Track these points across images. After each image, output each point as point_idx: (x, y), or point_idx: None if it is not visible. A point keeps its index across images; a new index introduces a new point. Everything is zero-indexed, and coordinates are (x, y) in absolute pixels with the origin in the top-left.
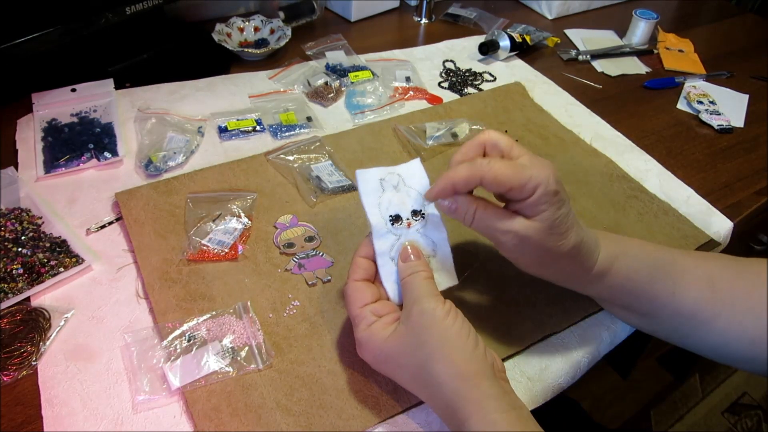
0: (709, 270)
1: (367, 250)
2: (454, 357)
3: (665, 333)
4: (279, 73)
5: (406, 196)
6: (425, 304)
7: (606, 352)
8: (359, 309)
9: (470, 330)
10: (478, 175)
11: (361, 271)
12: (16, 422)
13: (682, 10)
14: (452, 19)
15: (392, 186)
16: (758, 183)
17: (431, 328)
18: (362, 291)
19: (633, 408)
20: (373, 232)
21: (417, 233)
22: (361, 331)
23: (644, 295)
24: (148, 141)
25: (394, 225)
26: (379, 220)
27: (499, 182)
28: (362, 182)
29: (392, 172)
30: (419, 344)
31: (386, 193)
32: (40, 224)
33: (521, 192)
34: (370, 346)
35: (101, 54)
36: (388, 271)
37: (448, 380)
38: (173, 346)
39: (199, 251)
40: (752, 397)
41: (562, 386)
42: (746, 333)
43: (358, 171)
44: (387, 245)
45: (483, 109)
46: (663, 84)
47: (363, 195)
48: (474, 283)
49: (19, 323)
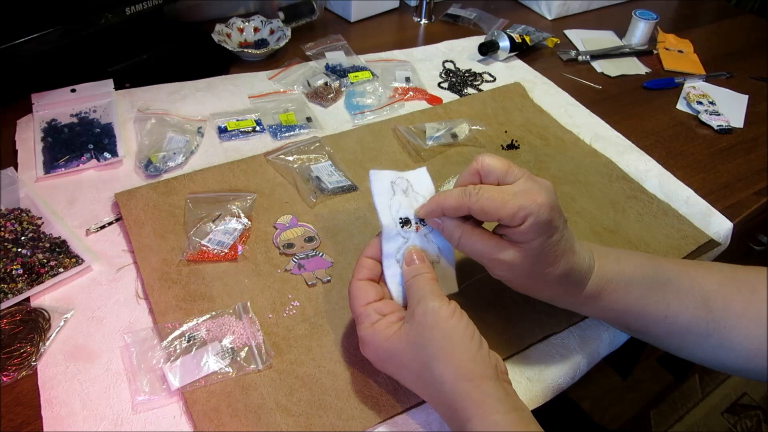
0: (705, 288)
1: (374, 251)
2: (458, 357)
3: (659, 345)
4: (279, 73)
5: (414, 201)
6: (429, 304)
7: (606, 353)
8: (363, 307)
9: (475, 331)
10: (466, 205)
11: (365, 271)
12: (15, 423)
13: (682, 11)
14: (452, 19)
15: (402, 190)
16: (758, 183)
17: (435, 328)
18: (366, 290)
19: (633, 408)
20: (383, 233)
21: (424, 238)
22: (364, 329)
23: (636, 316)
24: (147, 141)
25: (403, 228)
26: (389, 221)
27: (487, 213)
28: (376, 182)
29: (402, 176)
30: (423, 343)
31: (396, 196)
32: (39, 225)
33: (511, 221)
34: (373, 344)
35: (101, 54)
36: (393, 272)
37: (450, 380)
38: (173, 347)
39: (198, 252)
40: (752, 397)
41: (562, 387)
42: (741, 348)
43: (372, 171)
44: (394, 247)
45: (483, 110)
46: (663, 84)
47: (376, 195)
48: (474, 282)
49: (18, 324)
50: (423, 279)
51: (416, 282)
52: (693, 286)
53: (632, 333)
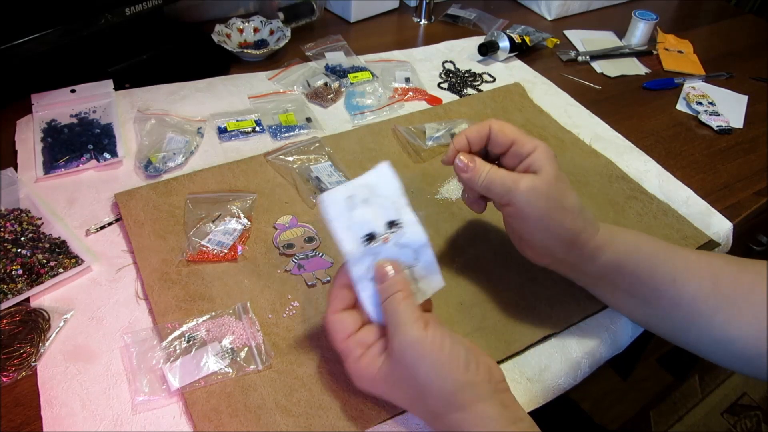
0: (712, 264)
1: (343, 280)
2: (447, 389)
3: (665, 327)
4: (278, 74)
5: (378, 208)
6: (407, 336)
7: (609, 356)
8: (344, 342)
9: (459, 349)
10: (487, 125)
11: (338, 302)
12: (15, 423)
13: (682, 11)
14: (452, 19)
15: (362, 201)
16: (758, 184)
17: (417, 364)
18: (343, 322)
19: (633, 409)
20: (348, 260)
21: (395, 247)
22: (350, 366)
23: (645, 277)
24: (147, 142)
25: (369, 245)
26: (352, 246)
27: (505, 133)
28: (328, 206)
29: (360, 185)
30: (408, 381)
31: (356, 211)
32: (39, 225)
33: (523, 146)
34: (361, 381)
35: (101, 55)
36: (368, 293)
37: (444, 413)
38: (173, 347)
39: (198, 252)
40: (751, 397)
41: (563, 387)
42: (747, 329)
43: (321, 196)
44: (364, 269)
45: (482, 110)
46: (662, 85)
47: (331, 221)
48: (474, 283)
49: (18, 324)
50: (395, 302)
51: (390, 306)
52: (700, 260)
53: (639, 310)
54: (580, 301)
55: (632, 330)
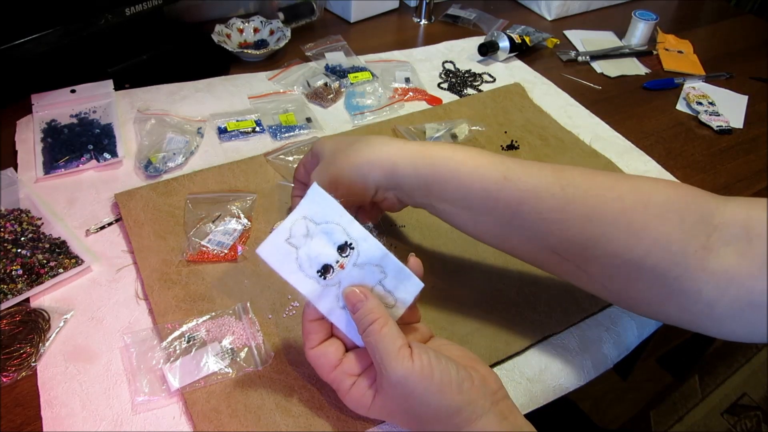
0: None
1: (313, 315)
2: (443, 413)
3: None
4: (278, 74)
5: (323, 236)
6: (395, 372)
7: (616, 358)
8: (331, 374)
9: (449, 371)
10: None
11: (314, 337)
12: (15, 423)
13: (682, 12)
14: (452, 20)
15: (302, 236)
16: (758, 184)
17: (411, 396)
18: (327, 356)
19: (633, 409)
20: (310, 301)
21: (354, 269)
22: (344, 398)
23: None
24: (147, 142)
25: (326, 278)
26: (309, 286)
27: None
28: (269, 258)
29: (294, 220)
30: (403, 415)
31: (301, 249)
32: (39, 225)
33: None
34: (359, 410)
35: (101, 55)
36: (344, 323)
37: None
38: (173, 347)
39: (198, 252)
40: (752, 398)
41: (564, 387)
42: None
43: (257, 251)
44: (330, 301)
45: (482, 110)
46: (662, 85)
47: (279, 271)
48: (473, 283)
49: (18, 324)
50: (374, 334)
51: (369, 340)
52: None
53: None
54: (580, 301)
55: (638, 330)
